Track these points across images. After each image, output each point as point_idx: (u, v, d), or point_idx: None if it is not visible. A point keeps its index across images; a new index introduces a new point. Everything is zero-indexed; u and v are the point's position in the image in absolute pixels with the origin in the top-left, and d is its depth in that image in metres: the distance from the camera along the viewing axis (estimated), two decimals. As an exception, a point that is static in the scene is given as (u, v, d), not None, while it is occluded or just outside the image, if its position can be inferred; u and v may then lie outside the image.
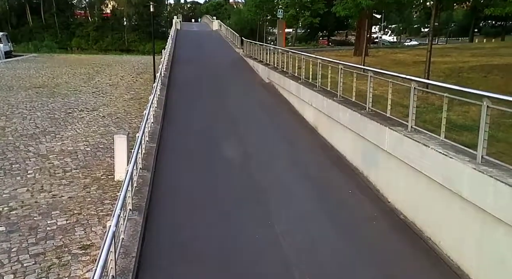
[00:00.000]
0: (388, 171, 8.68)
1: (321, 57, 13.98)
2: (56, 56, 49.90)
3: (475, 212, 5.92)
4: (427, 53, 13.77)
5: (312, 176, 10.27)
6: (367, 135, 9.52)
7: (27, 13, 73.18)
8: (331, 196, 9.14)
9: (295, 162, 11.16)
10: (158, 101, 15.86)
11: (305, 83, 14.89)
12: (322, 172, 10.57)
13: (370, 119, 9.35)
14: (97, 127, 16.41)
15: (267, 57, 21.95)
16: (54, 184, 10.46)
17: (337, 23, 58.61)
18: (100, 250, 4.77)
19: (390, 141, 8.44)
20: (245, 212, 8.29)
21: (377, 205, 8.64)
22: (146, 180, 8.99)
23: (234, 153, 11.31)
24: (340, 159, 11.13)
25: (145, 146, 10.66)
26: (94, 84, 28.45)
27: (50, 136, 14.86)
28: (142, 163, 9.62)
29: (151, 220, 7.63)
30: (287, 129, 14.11)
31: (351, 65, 11.50)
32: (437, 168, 6.79)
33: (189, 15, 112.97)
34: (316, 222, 7.98)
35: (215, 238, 7.17)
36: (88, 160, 12.46)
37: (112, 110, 19.68)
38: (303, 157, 11.61)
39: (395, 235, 7.56)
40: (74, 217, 8.59)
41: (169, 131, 13.02)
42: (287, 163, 11.01)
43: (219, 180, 9.71)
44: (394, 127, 8.40)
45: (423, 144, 7.22)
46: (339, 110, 11.24)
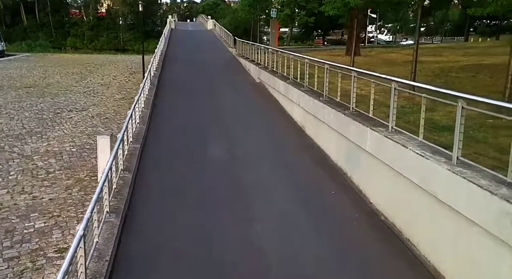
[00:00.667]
0: (370, 172, 8.64)
1: (308, 57, 13.92)
2: (49, 56, 49.81)
3: (450, 214, 5.88)
4: (414, 52, 13.75)
5: (295, 176, 10.22)
6: (350, 136, 9.48)
7: (22, 12, 72.69)
8: (313, 197, 9.09)
9: (280, 162, 11.10)
10: (146, 101, 15.79)
11: (293, 83, 14.84)
12: (306, 172, 10.52)
13: (352, 119, 9.31)
14: (85, 128, 16.32)
15: (258, 56, 21.87)
16: (35, 186, 10.38)
17: (332, 22, 58.56)
18: (67, 255, 4.70)
19: (371, 141, 8.40)
20: (226, 213, 8.23)
21: (359, 206, 8.60)
22: (127, 182, 8.93)
23: (219, 154, 11.27)
24: (325, 159, 11.08)
25: (128, 147, 10.61)
26: (85, 83, 28.35)
27: (36, 137, 14.77)
28: (124, 164, 9.55)
29: (130, 222, 7.56)
30: (275, 129, 14.05)
31: (337, 65, 11.45)
32: (415, 169, 6.76)
33: (185, 14, 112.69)
34: (295, 223, 7.92)
35: (193, 241, 7.11)
36: (73, 161, 12.38)
37: (101, 110, 19.59)
38: (288, 157, 11.54)
39: (375, 237, 7.51)
40: (53, 220, 8.52)
41: (155, 131, 12.94)
42: (272, 164, 10.95)
43: (202, 181, 9.64)
44: (375, 128, 8.35)
45: (402, 145, 7.18)
46: (324, 110, 11.19)
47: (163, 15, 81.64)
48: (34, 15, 72.68)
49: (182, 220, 7.73)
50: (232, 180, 9.79)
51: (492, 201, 5.00)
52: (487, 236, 5.16)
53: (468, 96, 5.81)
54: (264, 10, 39.32)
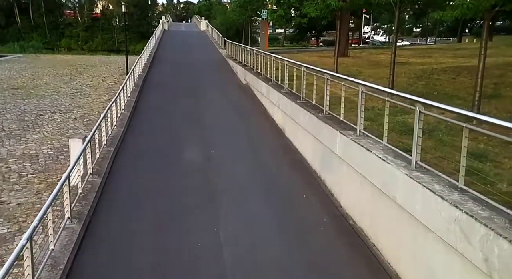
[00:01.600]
0: (340, 175, 8.55)
1: (288, 59, 13.81)
2: (41, 57, 49.50)
3: (408, 219, 5.78)
4: (391, 55, 13.65)
5: (269, 179, 10.12)
6: (323, 139, 9.39)
7: (16, 13, 72.39)
8: (284, 200, 8.97)
9: (256, 165, 11.00)
10: (128, 102, 15.68)
11: (274, 85, 14.74)
12: (281, 175, 10.41)
13: (324, 122, 9.22)
14: (66, 130, 16.18)
15: (244, 58, 21.78)
16: (5, 190, 10.25)
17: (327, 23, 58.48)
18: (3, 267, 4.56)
19: (340, 145, 8.31)
20: (193, 218, 8.10)
21: (329, 210, 8.50)
22: (95, 186, 8.81)
23: (195, 156, 11.17)
24: (301, 162, 10.98)
25: (101, 150, 10.49)
26: (74, 85, 28.18)
27: (15, 139, 14.62)
28: (94, 168, 9.43)
29: (92, 229, 7.42)
30: (255, 131, 13.94)
31: (312, 68, 11.34)
32: (377, 173, 6.67)
33: (182, 15, 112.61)
34: (262, 228, 7.82)
35: (155, 248, 6.97)
36: (48, 164, 12.25)
37: (85, 112, 19.44)
38: (265, 159, 11.43)
39: (341, 242, 7.42)
40: (17, 225, 8.38)
41: (133, 134, 12.81)
42: (248, 166, 10.84)
43: (174, 185, 9.51)
44: (344, 131, 8.26)
45: (366, 148, 7.08)
46: (300, 112, 11.10)
47: (159, 16, 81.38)
48: (28, 16, 72.39)
49: (146, 228, 7.58)
50: (204, 183, 9.67)
51: (443, 207, 4.91)
52: (441, 243, 5.06)
53: (424, 100, 5.72)
54: (255, 11, 39.21)
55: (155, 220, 7.90)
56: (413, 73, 16.66)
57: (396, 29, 15.09)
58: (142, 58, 23.48)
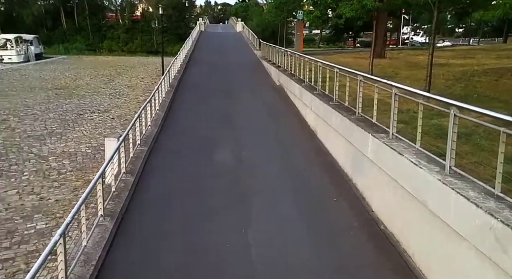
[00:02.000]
0: (372, 178, 8.37)
1: (321, 60, 13.67)
2: (84, 58, 51.39)
3: (441, 226, 5.58)
4: (429, 56, 13.21)
5: (300, 181, 10.05)
6: (354, 141, 9.23)
7: (62, 16, 75.42)
8: (314, 203, 8.88)
9: (287, 167, 10.96)
10: (162, 103, 15.99)
11: (307, 86, 14.64)
12: (312, 177, 10.32)
13: (356, 125, 9.06)
14: (104, 129, 16.69)
15: (278, 59, 21.76)
16: (45, 187, 10.67)
17: (364, 24, 57.51)
18: (37, 261, 4.74)
19: (372, 148, 8.14)
20: (224, 219, 8.14)
21: (359, 214, 8.34)
22: (128, 185, 9.02)
23: (227, 157, 11.24)
24: (333, 164, 10.83)
25: (134, 150, 10.74)
26: (113, 85, 29.05)
27: (56, 138, 15.22)
28: (128, 167, 9.67)
29: (125, 227, 7.60)
30: (287, 132, 13.88)
31: (345, 69, 11.17)
32: (409, 178, 6.48)
33: (219, 16, 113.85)
34: (292, 230, 7.76)
35: (184, 248, 7.05)
36: (86, 163, 12.67)
37: (123, 112, 19.99)
38: (296, 161, 11.37)
39: (371, 246, 7.25)
40: (55, 221, 8.70)
41: (167, 134, 13.06)
42: (279, 168, 10.81)
43: (205, 186, 9.60)
44: (376, 134, 8.08)
45: (398, 152, 6.90)
46: (333, 114, 10.97)
47: (196, 17, 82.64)
48: (73, 19, 75.26)
49: (176, 228, 7.68)
50: (234, 184, 9.71)
51: (478, 214, 4.70)
52: (474, 252, 4.85)
53: (459, 103, 5.50)
54: (291, 12, 39.09)
55: (185, 220, 8.00)
56: (452, 75, 16.09)
57: (435, 29, 14.61)
58: (178, 59, 23.91)
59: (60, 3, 75.17)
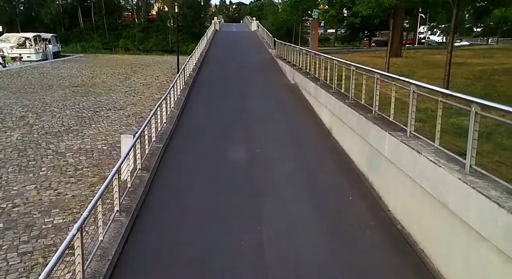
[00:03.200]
0: (389, 177, 8.25)
1: (338, 58, 13.55)
2: (100, 57, 51.95)
3: (460, 226, 5.47)
4: (448, 54, 12.98)
5: (316, 180, 9.98)
6: (371, 140, 9.12)
7: (79, 15, 76.41)
8: (330, 202, 8.81)
9: (302, 165, 10.89)
10: (177, 101, 16.05)
11: (323, 85, 14.53)
12: (328, 176, 10.23)
13: (373, 123, 8.94)
14: (119, 126, 16.83)
15: (293, 58, 21.66)
16: (62, 182, 10.79)
17: (380, 23, 56.93)
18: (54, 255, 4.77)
19: (389, 146, 8.02)
20: (238, 218, 8.11)
21: (376, 213, 8.23)
22: (143, 181, 9.06)
23: (241, 155, 11.19)
24: (349, 163, 10.73)
25: (150, 147, 10.79)
26: (128, 83, 29.30)
27: (73, 134, 15.40)
28: (143, 163, 9.72)
29: (140, 222, 7.64)
30: (302, 131, 13.81)
31: (362, 67, 11.04)
32: (428, 177, 6.36)
33: (234, 15, 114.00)
34: (306, 230, 7.68)
35: (200, 244, 7.05)
36: (102, 159, 12.78)
37: (138, 110, 20.13)
38: (312, 160, 11.30)
39: (388, 246, 7.16)
40: (72, 216, 8.79)
41: (182, 132, 13.09)
42: (294, 166, 10.75)
43: (219, 184, 9.58)
44: (393, 132, 7.96)
45: (416, 151, 6.78)
46: (348, 113, 10.85)
47: (211, 17, 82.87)
48: (90, 18, 76.19)
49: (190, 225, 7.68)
50: (248, 182, 9.69)
51: (500, 214, 4.58)
52: (496, 252, 4.73)
53: (481, 101, 5.36)
54: (306, 11, 38.90)
55: (199, 217, 8.00)
56: (471, 74, 15.80)
57: (454, 28, 14.34)
58: (193, 58, 23.98)
59: (78, 2, 76.28)
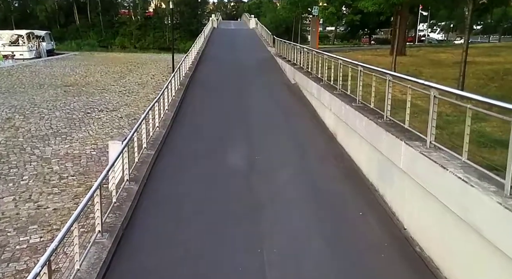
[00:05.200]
0: (404, 192, 7.40)
1: (343, 57, 12.69)
2: (95, 54, 50.97)
3: (499, 259, 4.62)
4: (463, 53, 12.13)
5: (320, 189, 9.13)
6: (382, 148, 8.26)
7: (75, 12, 75.27)
8: (337, 217, 7.96)
9: (305, 173, 10.05)
10: (172, 102, 15.17)
11: (326, 85, 13.67)
12: (333, 186, 9.36)
13: (385, 130, 8.08)
14: (111, 129, 15.96)
15: (294, 56, 20.79)
16: (43, 193, 9.92)
17: (380, 20, 56.07)
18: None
19: (405, 157, 7.16)
20: (235, 236, 7.26)
21: (390, 231, 7.39)
22: (131, 194, 8.19)
23: (239, 162, 10.34)
24: (356, 172, 9.88)
25: (140, 154, 9.92)
26: (123, 83, 28.41)
27: (61, 138, 14.52)
28: (132, 173, 8.85)
29: (125, 244, 6.77)
30: (304, 135, 12.94)
31: (371, 68, 10.19)
32: (456, 197, 5.50)
33: (232, 13, 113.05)
34: (312, 250, 6.85)
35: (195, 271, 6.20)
36: (90, 166, 11.91)
37: (132, 111, 19.25)
38: (315, 167, 10.45)
39: (405, 272, 6.31)
40: (50, 234, 7.91)
41: (176, 136, 12.22)
42: (296, 174, 9.91)
43: (215, 195, 8.71)
44: (410, 142, 7.11)
45: (440, 165, 5.92)
46: (356, 117, 9.99)
47: (209, 14, 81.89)
48: (86, 15, 75.05)
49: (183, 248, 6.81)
50: (247, 193, 8.84)
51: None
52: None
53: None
54: (306, 8, 37.98)
55: (192, 237, 7.14)
56: (483, 74, 14.98)
57: (470, 25, 13.52)
58: (189, 56, 23.07)
59: (73, -1, 75.08)
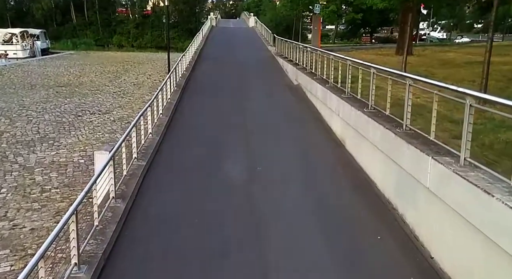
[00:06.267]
0: (431, 215, 6.40)
1: (352, 58, 11.70)
2: (92, 54, 49.91)
3: None
4: (486, 53, 11.14)
5: (328, 207, 8.15)
6: (403, 163, 7.26)
7: (71, 10, 74.16)
8: (350, 241, 6.97)
9: (312, 187, 9.07)
10: (167, 106, 14.17)
11: (333, 88, 12.68)
12: (344, 202, 8.37)
13: (407, 142, 7.09)
14: (102, 134, 14.95)
15: (296, 56, 19.80)
16: (22, 209, 8.93)
17: (382, 19, 55.12)
18: None
19: (433, 176, 6.17)
20: (236, 263, 6.30)
21: (415, 260, 6.40)
22: (116, 215, 7.18)
23: (238, 175, 9.34)
24: (369, 185, 8.89)
25: (130, 166, 8.92)
26: (118, 83, 27.40)
27: (48, 144, 13.51)
28: (118, 189, 7.85)
29: (107, 278, 5.78)
30: (309, 142, 11.92)
31: (386, 70, 9.19)
32: (506, 231, 4.52)
33: (231, 12, 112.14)
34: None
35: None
36: (76, 176, 10.91)
37: (125, 114, 18.24)
38: (322, 180, 9.45)
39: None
40: (23, 261, 6.90)
41: (171, 144, 11.23)
42: (301, 189, 8.94)
43: (211, 214, 7.71)
44: (439, 157, 6.12)
45: (483, 190, 4.93)
46: (369, 124, 9.00)
47: (208, 13, 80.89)
48: (83, 13, 73.94)
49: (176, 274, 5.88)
50: (247, 212, 7.85)
51: None
52: None
53: None
54: (307, 6, 36.94)
55: (186, 266, 6.16)
56: (500, 74, 14.02)
57: (494, 22, 12.64)
58: (186, 56, 22.05)
59: (70, -3, 74.03)
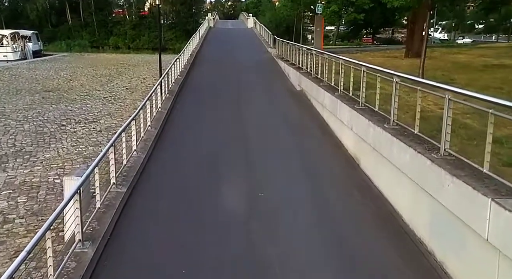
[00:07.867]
0: (492, 272, 4.91)
1: (365, 63, 10.22)
2: (86, 56, 48.51)
3: None
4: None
5: (343, 243, 6.73)
6: (444, 199, 5.77)
7: (67, 11, 72.84)
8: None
9: (321, 215, 7.65)
10: (157, 116, 12.68)
11: (343, 97, 11.20)
12: (365, 238, 6.87)
13: (450, 173, 5.59)
14: (85, 147, 13.44)
15: (299, 59, 18.33)
16: (-27, 248, 7.44)
17: (384, 19, 53.63)
18: None
19: (494, 222, 4.68)
20: None
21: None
22: (81, 266, 5.66)
23: (236, 203, 7.84)
24: (392, 216, 7.41)
25: (106, 194, 7.41)
26: (110, 87, 25.92)
27: (22, 159, 12.01)
28: (88, 228, 6.35)
29: None
30: (317, 158, 10.44)
31: (415, 79, 7.71)
32: None
33: (229, 12, 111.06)
34: None
35: None
36: (48, 201, 9.39)
37: (114, 123, 16.73)
38: (335, 207, 7.96)
39: None
40: None
41: (158, 163, 9.72)
42: (308, 217, 7.52)
43: (205, 258, 6.25)
44: (503, 200, 4.63)
45: None
46: (393, 145, 7.50)
47: (205, 13, 79.71)
48: (79, 14, 72.61)
49: None
50: (249, 253, 6.39)
51: None
52: None
53: None
54: (308, 6, 35.49)
55: None
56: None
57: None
58: (181, 59, 20.54)
59: (65, -3, 72.83)
